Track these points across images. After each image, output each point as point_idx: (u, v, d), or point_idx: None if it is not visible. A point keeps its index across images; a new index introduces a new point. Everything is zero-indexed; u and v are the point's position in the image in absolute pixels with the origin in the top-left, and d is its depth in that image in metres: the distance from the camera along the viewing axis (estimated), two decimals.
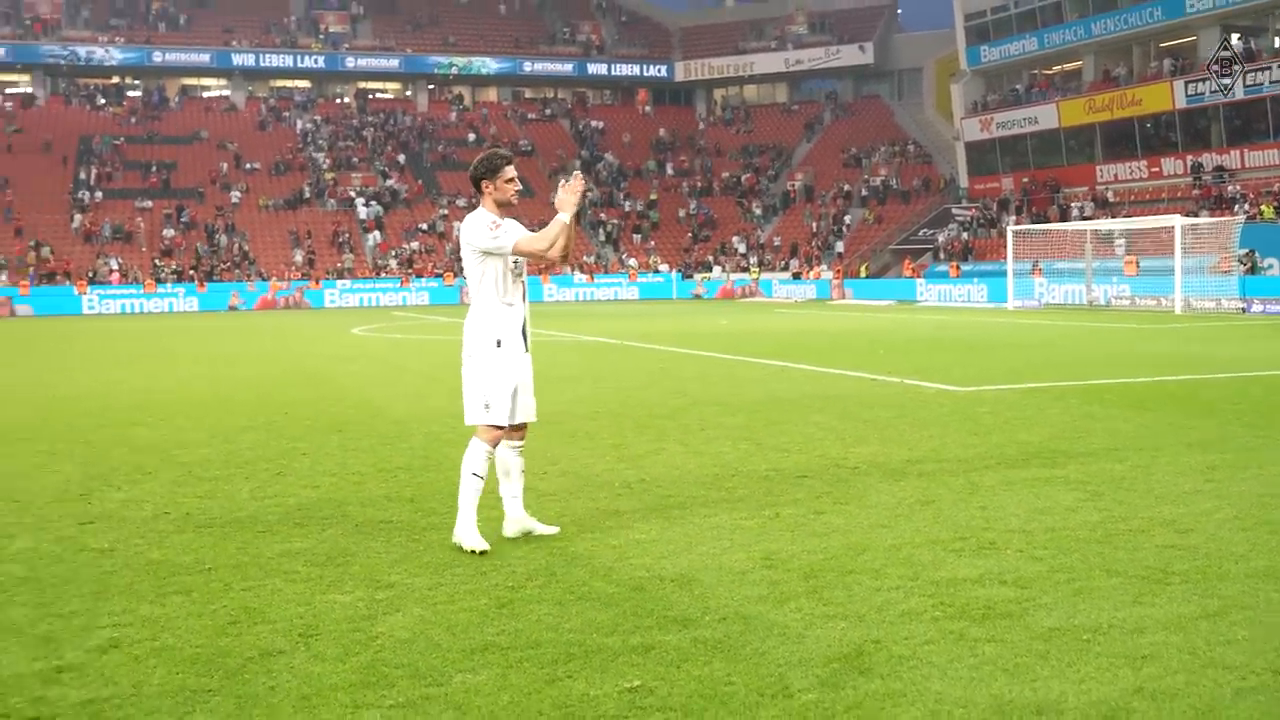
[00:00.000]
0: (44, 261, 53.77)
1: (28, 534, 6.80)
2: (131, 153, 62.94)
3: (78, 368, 19.83)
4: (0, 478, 8.69)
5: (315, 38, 72.21)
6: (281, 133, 67.76)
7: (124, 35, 69.32)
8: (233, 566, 5.96)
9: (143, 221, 57.55)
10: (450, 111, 72.40)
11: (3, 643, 4.80)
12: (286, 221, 59.79)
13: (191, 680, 4.32)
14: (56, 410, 13.18)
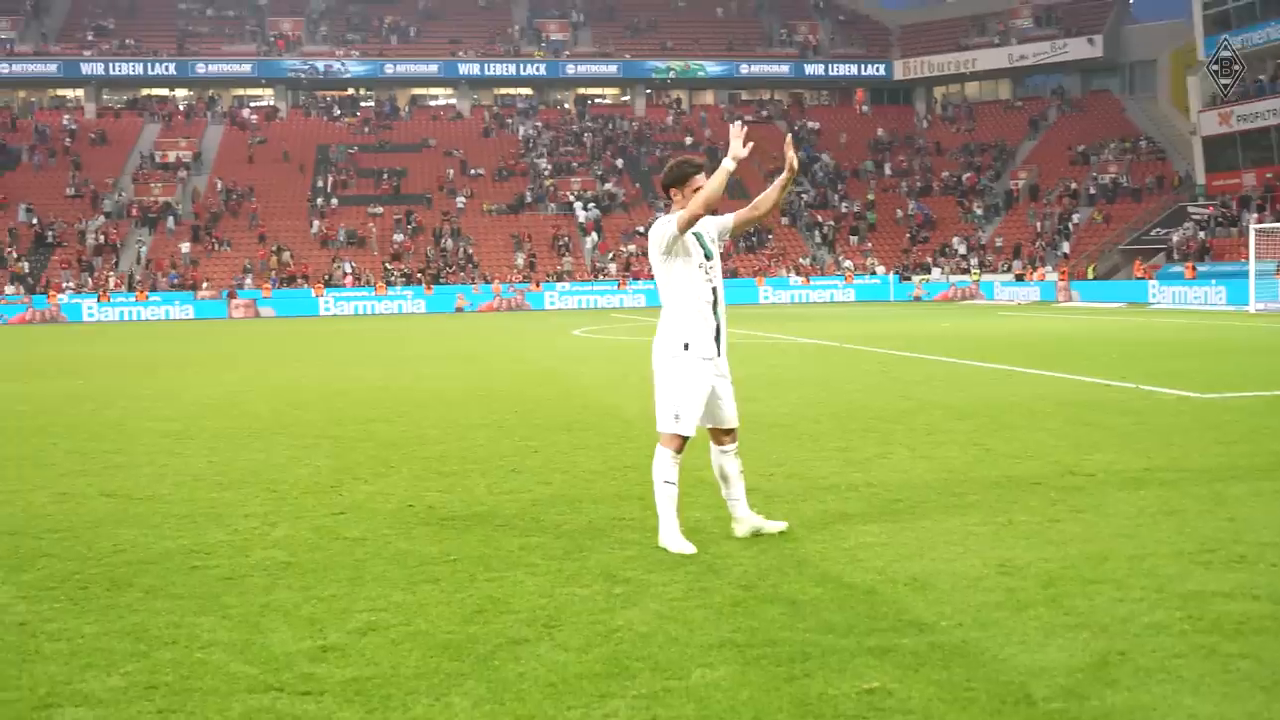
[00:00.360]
0: (285, 265, 56.74)
1: (286, 522, 7.24)
2: (365, 161, 65.79)
3: (319, 366, 20.88)
4: (259, 469, 9.26)
5: (537, 46, 74.04)
6: (505, 139, 69.72)
7: (359, 49, 72.52)
8: (476, 558, 6.22)
9: (374, 227, 60.09)
10: (667, 115, 73.14)
11: (273, 622, 5.14)
12: (509, 225, 61.48)
13: (445, 664, 4.55)
14: (304, 406, 13.93)
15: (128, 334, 38.49)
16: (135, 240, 58.77)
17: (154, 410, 13.79)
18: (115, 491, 8.40)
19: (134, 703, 4.20)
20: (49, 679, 4.46)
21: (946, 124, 73.46)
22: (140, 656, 4.71)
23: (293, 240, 58.91)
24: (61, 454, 10.29)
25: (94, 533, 7.03)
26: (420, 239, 59.97)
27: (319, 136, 68.55)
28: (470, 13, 76.08)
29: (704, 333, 6.30)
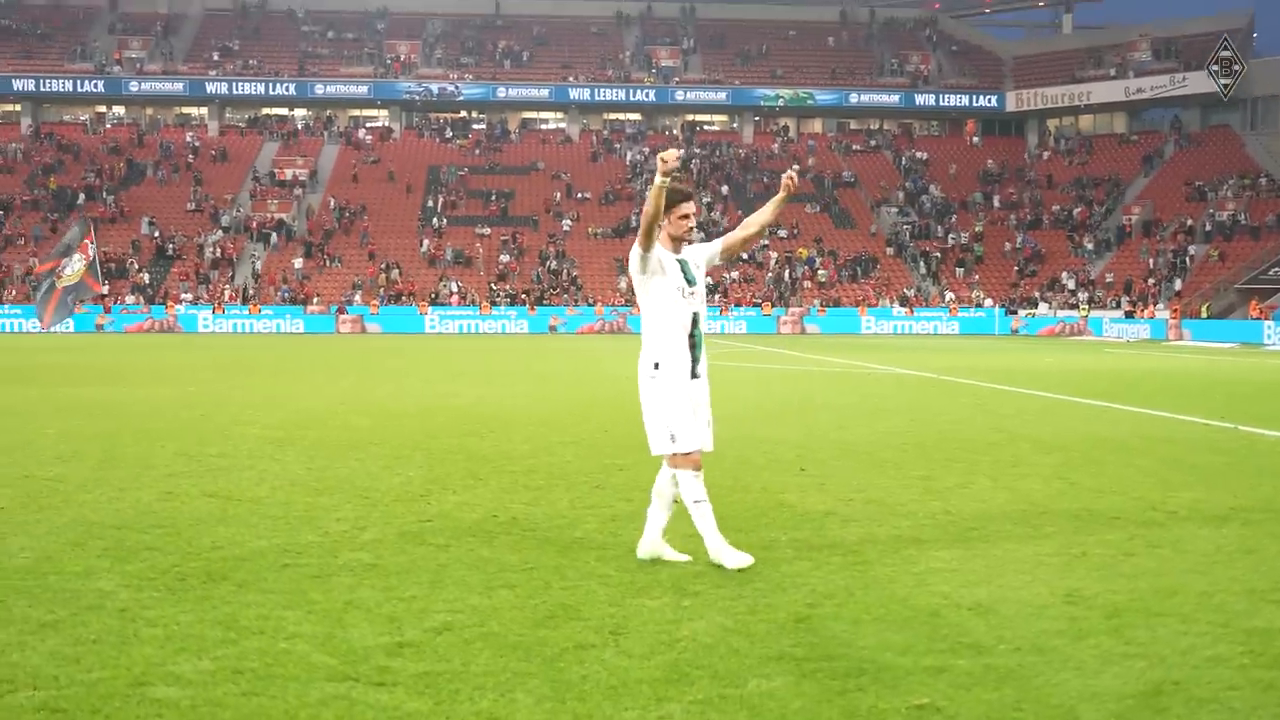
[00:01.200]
0: (393, 283, 57.92)
1: (375, 527, 7.53)
2: (474, 182, 66.93)
3: (418, 382, 21.37)
4: (353, 477, 9.60)
5: (647, 72, 74.73)
6: (612, 164, 70.42)
7: (472, 72, 73.87)
8: (552, 567, 6.43)
9: (481, 247, 61.07)
10: (774, 142, 73.25)
11: (355, 618, 5.40)
12: (613, 249, 62.01)
13: (513, 664, 4.75)
14: (401, 419, 14.32)
15: (239, 345, 39.65)
16: (250, 255, 60.47)
17: (258, 418, 14.29)
18: (217, 492, 8.78)
19: (220, 685, 4.48)
20: (144, 660, 4.76)
21: (1059, 156, 72.49)
22: (229, 644, 5.00)
23: (401, 258, 60.10)
24: (169, 455, 10.75)
25: (195, 530, 7.39)
26: (526, 260, 60.79)
27: (430, 157, 69.93)
28: (582, 38, 77.09)
29: (679, 355, 6.37)
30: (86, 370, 24.59)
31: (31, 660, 4.77)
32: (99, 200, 62.78)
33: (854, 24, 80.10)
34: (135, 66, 72.31)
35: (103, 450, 11.13)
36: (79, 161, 66.49)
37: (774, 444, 11.89)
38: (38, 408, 15.62)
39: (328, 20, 77.29)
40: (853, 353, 33.36)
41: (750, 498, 8.64)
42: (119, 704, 4.27)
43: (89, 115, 72.44)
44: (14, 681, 4.51)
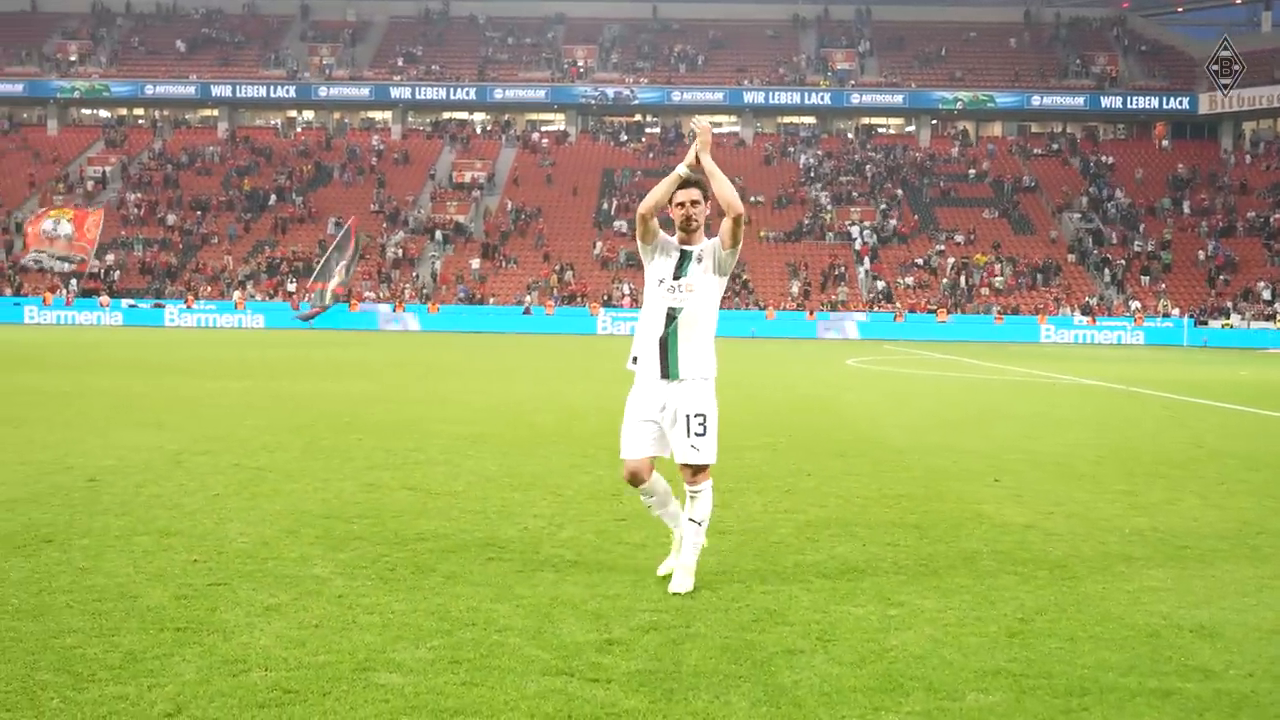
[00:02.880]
0: (566, 284, 58.73)
1: (572, 524, 7.63)
2: (648, 185, 67.19)
3: (595, 382, 21.60)
4: (544, 474, 9.75)
5: (823, 75, 74.13)
6: (785, 167, 70.09)
7: (647, 76, 74.43)
8: (751, 571, 6.42)
9: None
10: (952, 146, 71.87)
11: (562, 614, 5.47)
12: (785, 254, 61.71)
13: (724, 666, 4.75)
14: (582, 418, 14.50)
15: (420, 342, 40.72)
16: (430, 255, 62.06)
17: (447, 414, 14.64)
18: (416, 486, 9.02)
19: (440, 674, 4.59)
20: (366, 646, 4.91)
21: (1255, 161, 69.33)
22: (444, 634, 5.12)
23: (575, 260, 60.90)
24: (367, 449, 11.09)
25: (398, 521, 7.60)
26: None
27: (605, 160, 70.69)
28: (758, 42, 76.93)
29: (647, 353, 6.00)
30: (277, 365, 25.56)
31: (260, 641, 4.96)
32: (288, 201, 65.25)
33: (1038, 25, 78.06)
34: (324, 73, 74.97)
35: (303, 442, 11.54)
36: (271, 164, 69.23)
37: (961, 453, 11.65)
38: (238, 400, 16.30)
39: (507, 26, 78.84)
40: (1033, 361, 32.49)
41: (946, 507, 8.48)
42: (346, 688, 4.41)
43: (280, 120, 75.39)
44: (246, 661, 4.70)
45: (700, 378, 6.02)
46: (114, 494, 8.39)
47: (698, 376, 6.02)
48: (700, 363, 6.03)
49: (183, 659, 4.71)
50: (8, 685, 4.37)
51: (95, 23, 79.34)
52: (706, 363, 6.08)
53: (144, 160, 70.46)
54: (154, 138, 73.00)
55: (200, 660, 4.70)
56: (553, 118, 76.05)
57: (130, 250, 61.52)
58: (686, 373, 5.99)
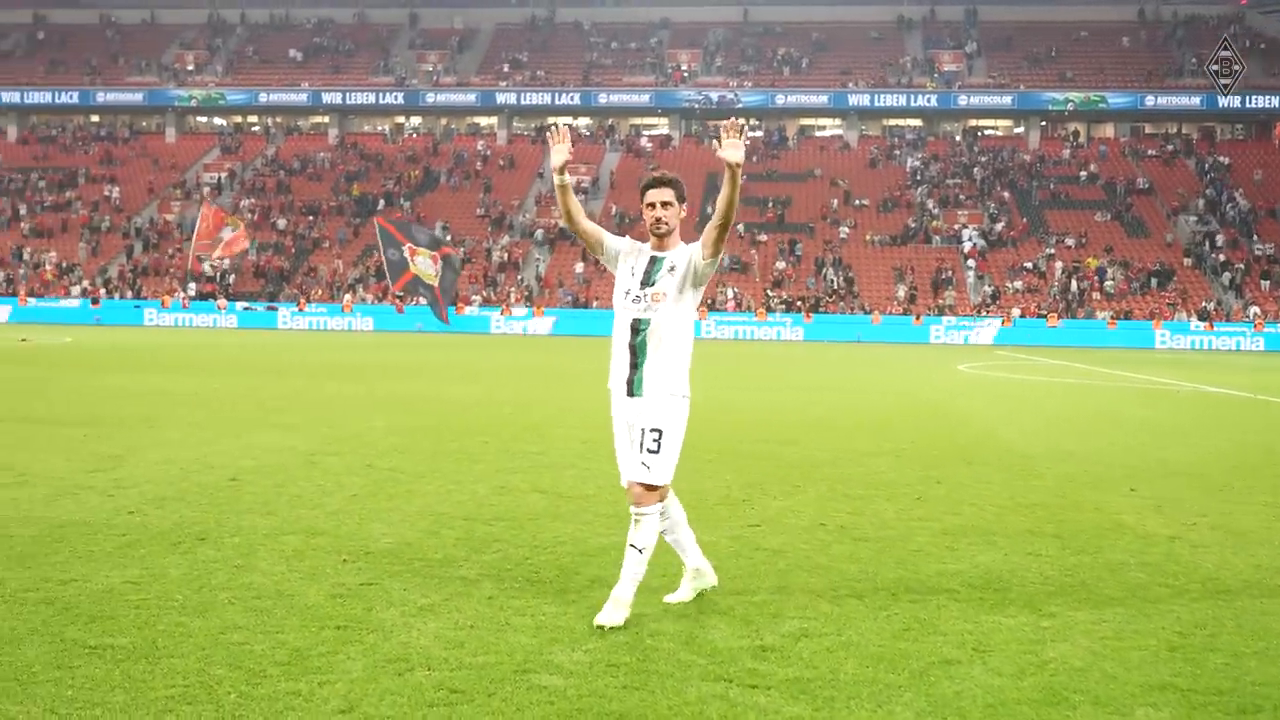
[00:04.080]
0: None
1: (706, 530, 7.62)
2: (751, 189, 67.19)
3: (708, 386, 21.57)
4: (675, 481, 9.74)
5: (930, 77, 73.28)
6: (891, 170, 69.39)
7: (751, 80, 74.24)
8: (894, 579, 6.37)
9: (757, 253, 61.26)
10: (1063, 148, 70.54)
11: (711, 619, 5.49)
12: (891, 257, 61.09)
13: (881, 675, 4.73)
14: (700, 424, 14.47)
15: (526, 345, 41.08)
16: (535, 259, 62.58)
17: (567, 418, 14.75)
18: (547, 489, 9.11)
19: (599, 677, 4.63)
20: (523, 648, 4.98)
21: None
22: (598, 637, 5.17)
23: None
24: (494, 452, 11.23)
25: (535, 524, 7.68)
26: (802, 267, 60.61)
27: (709, 164, 70.62)
28: (862, 44, 76.28)
29: (616, 366, 5.64)
30: (392, 367, 25.97)
31: (420, 641, 5.05)
32: (396, 206, 66.22)
33: (1152, 23, 76.30)
34: (432, 79, 76.00)
35: (431, 444, 11.71)
36: (380, 169, 70.36)
37: (1091, 461, 11.44)
38: (361, 402, 16.60)
39: (612, 32, 79.21)
40: (1151, 368, 31.73)
41: (1085, 516, 8.33)
42: (510, 689, 4.47)
43: (389, 126, 76.59)
44: (409, 660, 4.79)
45: (667, 394, 5.57)
46: (256, 493, 8.60)
47: (664, 393, 5.56)
48: (668, 378, 5.57)
49: (348, 657, 4.82)
50: (185, 679, 4.51)
51: (212, 33, 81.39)
52: (676, 379, 5.60)
53: (257, 166, 72.07)
54: (267, 144, 74.63)
55: (365, 658, 4.80)
56: (656, 122, 76.19)
57: (244, 255, 62.96)
58: (651, 389, 5.54)
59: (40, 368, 22.64)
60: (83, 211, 66.84)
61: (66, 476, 9.18)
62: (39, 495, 8.35)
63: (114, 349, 31.21)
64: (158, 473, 9.50)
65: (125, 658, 4.72)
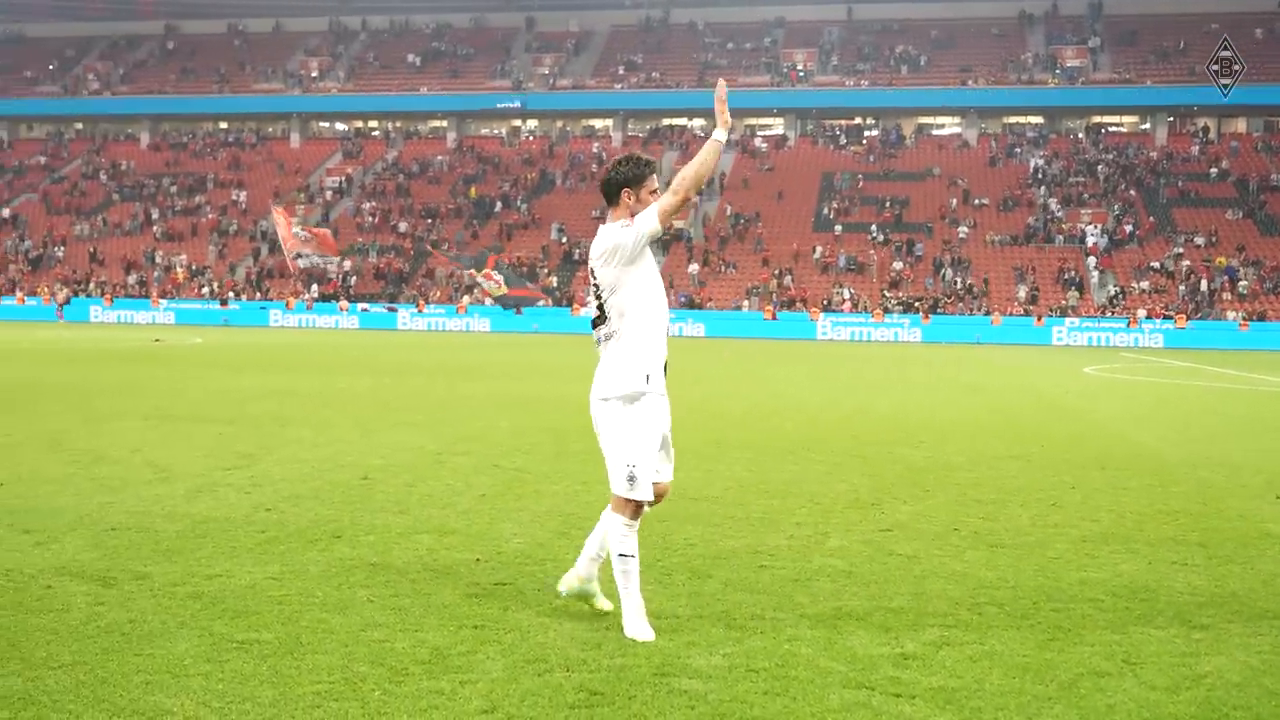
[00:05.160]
0: (784, 289, 58.47)
1: (837, 534, 7.55)
2: (868, 188, 66.53)
3: (827, 389, 21.38)
4: (798, 481, 9.69)
5: (1051, 73, 71.77)
6: (1011, 168, 68.10)
7: (868, 78, 73.48)
8: (1035, 587, 6.21)
9: (875, 254, 60.60)
10: (1192, 145, 68.53)
11: (849, 625, 5.41)
12: (1011, 257, 59.95)
13: (1028, 685, 4.60)
14: (826, 426, 14.36)
15: None
16: None
17: (686, 419, 14.71)
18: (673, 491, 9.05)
19: (739, 682, 4.58)
20: (660, 651, 4.95)
21: None
22: (734, 641, 5.12)
23: (794, 264, 60.58)
24: None
25: (663, 526, 7.65)
26: (920, 268, 59.81)
27: (824, 164, 70.11)
28: (982, 40, 74.98)
29: (660, 366, 5.30)
30: (511, 367, 26.20)
31: (557, 642, 5.06)
32: (513, 208, 66.95)
33: None
34: (548, 82, 76.67)
35: (554, 443, 11.79)
36: (497, 172, 71.19)
37: (1231, 467, 11.07)
38: (484, 402, 16.79)
39: (727, 32, 79.05)
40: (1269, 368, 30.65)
41: (1230, 525, 8.05)
42: (649, 692, 4.45)
43: (505, 129, 77.45)
44: (548, 661, 4.80)
45: None
46: (388, 492, 8.72)
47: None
48: None
49: (487, 656, 4.84)
50: (330, 675, 4.57)
51: (334, 40, 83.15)
52: None
53: (378, 170, 73.44)
54: (387, 148, 75.99)
55: (504, 658, 4.82)
56: (772, 122, 75.82)
57: (365, 256, 64.16)
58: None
59: (176, 367, 23.33)
60: (211, 215, 68.80)
61: (205, 473, 9.43)
62: (180, 491, 8.58)
63: (243, 349, 32.03)
64: (291, 470, 9.70)
65: (272, 653, 4.81)
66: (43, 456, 10.23)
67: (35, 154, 78.62)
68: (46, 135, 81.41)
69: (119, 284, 63.38)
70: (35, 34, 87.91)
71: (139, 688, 4.37)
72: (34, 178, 75.98)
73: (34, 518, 7.50)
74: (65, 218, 70.58)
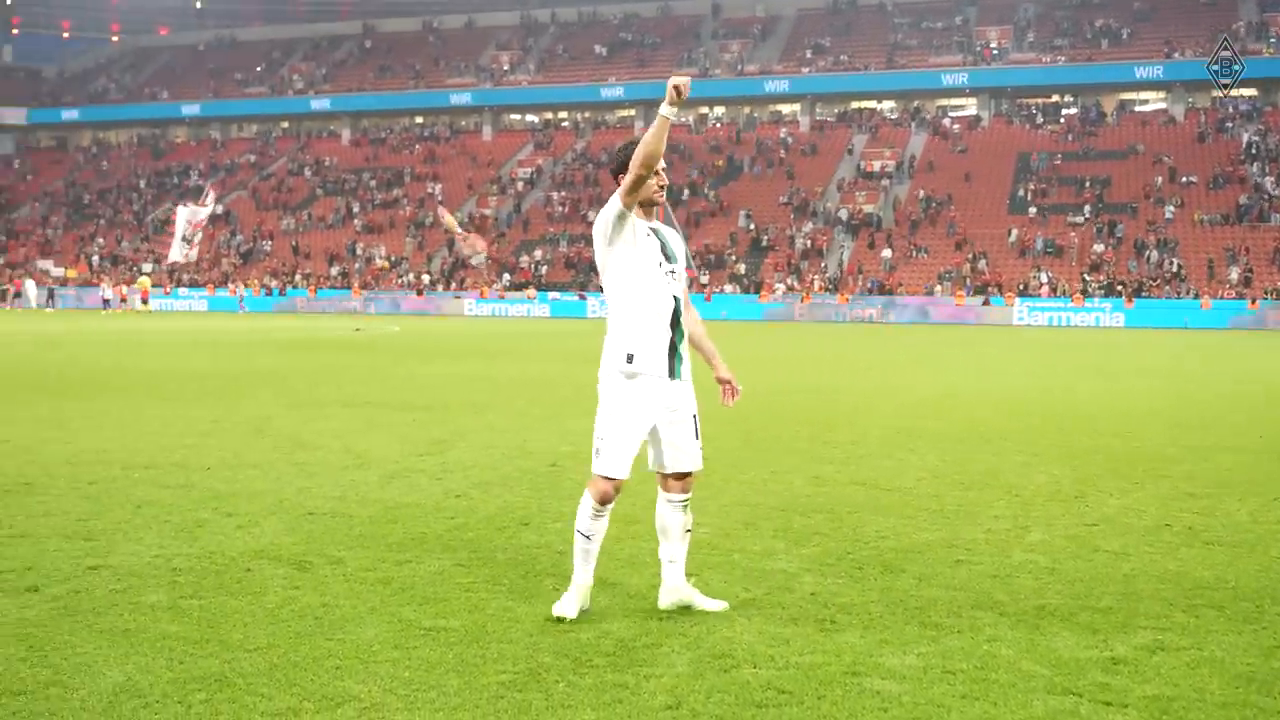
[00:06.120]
0: (979, 274, 56.91)
1: (1038, 528, 7.19)
2: (1066, 169, 64.20)
3: (1022, 374, 20.65)
4: (995, 472, 9.31)
5: (1266, 43, 67.91)
6: (1221, 144, 64.74)
7: (1065, 55, 70.87)
8: (1256, 589, 5.79)
9: (1075, 236, 58.45)
10: None
11: (1052, 625, 5.12)
12: (1222, 237, 57.03)
13: (1253, 698, 4.26)
14: (1022, 414, 13.82)
15: (832, 333, 40.59)
16: (838, 245, 61.90)
17: (877, 406, 14.39)
18: (864, 480, 8.84)
19: (935, 684, 4.36)
20: (850, 649, 4.76)
21: None
22: (929, 640, 4.89)
23: (989, 248, 58.92)
24: (805, 441, 11.04)
25: (854, 517, 7.44)
26: (1122, 250, 57.43)
27: (1020, 144, 67.93)
28: (1189, 11, 71.44)
29: (655, 348, 5.19)
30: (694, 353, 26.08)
31: (744, 637, 4.92)
32: (701, 195, 66.94)
33: None
34: (734, 68, 76.39)
35: (741, 432, 11.63)
36: (684, 159, 71.26)
37: None
38: None
39: (917, 11, 77.36)
40: None
41: None
42: (840, 692, 4.27)
43: (693, 116, 77.46)
44: (734, 656, 4.66)
45: (690, 377, 5.37)
46: (576, 480, 8.72)
47: (689, 376, 5.38)
48: (687, 360, 5.38)
49: (672, 650, 4.74)
50: (514, 665, 4.54)
51: (525, 34, 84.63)
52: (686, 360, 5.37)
53: (567, 160, 74.41)
54: (576, 139, 76.94)
55: (689, 652, 4.71)
56: (964, 102, 73.84)
57: (556, 246, 65.12)
58: (687, 373, 5.36)
59: (376, 355, 24.05)
60: (408, 208, 70.84)
61: (399, 460, 9.61)
62: (374, 477, 8.75)
63: (439, 337, 32.86)
64: (482, 457, 9.81)
65: (458, 640, 4.81)
66: (248, 442, 10.60)
67: (245, 152, 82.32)
68: (255, 134, 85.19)
69: (322, 275, 65.87)
70: (245, 38, 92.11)
71: (329, 672, 4.41)
72: (244, 175, 79.59)
73: (237, 501, 7.75)
74: (273, 213, 73.72)
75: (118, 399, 14.41)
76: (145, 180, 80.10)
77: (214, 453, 9.89)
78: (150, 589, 5.54)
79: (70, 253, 72.96)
